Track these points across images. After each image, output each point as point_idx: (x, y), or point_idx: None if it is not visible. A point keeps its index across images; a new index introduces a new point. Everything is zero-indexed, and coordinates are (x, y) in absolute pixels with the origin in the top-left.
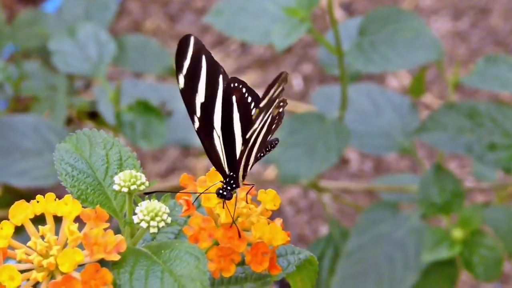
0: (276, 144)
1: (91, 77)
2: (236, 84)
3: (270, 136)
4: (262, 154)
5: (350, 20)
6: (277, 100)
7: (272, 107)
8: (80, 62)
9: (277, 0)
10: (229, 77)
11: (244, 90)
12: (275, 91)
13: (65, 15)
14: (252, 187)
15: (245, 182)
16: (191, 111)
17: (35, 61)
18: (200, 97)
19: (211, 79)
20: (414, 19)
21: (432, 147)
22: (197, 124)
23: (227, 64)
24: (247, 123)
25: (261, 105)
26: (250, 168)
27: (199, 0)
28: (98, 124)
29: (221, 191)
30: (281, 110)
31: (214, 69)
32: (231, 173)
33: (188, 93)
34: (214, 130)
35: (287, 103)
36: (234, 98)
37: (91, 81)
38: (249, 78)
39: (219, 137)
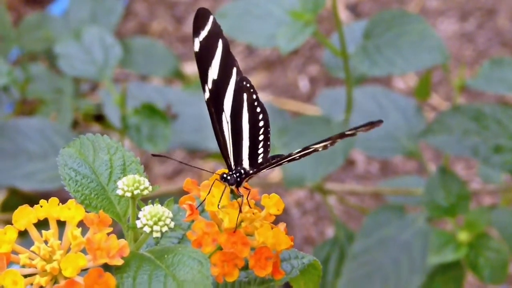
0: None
1: (97, 80)
2: (249, 85)
3: None
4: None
5: (356, 23)
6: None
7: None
8: (86, 65)
9: (282, 3)
10: (243, 75)
11: (254, 96)
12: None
13: (71, 18)
14: (249, 192)
15: (249, 186)
16: (203, 79)
17: (41, 64)
18: (213, 73)
19: (226, 64)
20: (419, 21)
21: (438, 149)
22: (207, 94)
23: None
24: (254, 130)
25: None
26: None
27: (206, 2)
28: (104, 127)
29: (225, 175)
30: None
31: (229, 58)
32: (235, 171)
33: (202, 61)
34: (224, 113)
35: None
36: (245, 96)
37: (97, 84)
38: (256, 79)
39: (227, 122)
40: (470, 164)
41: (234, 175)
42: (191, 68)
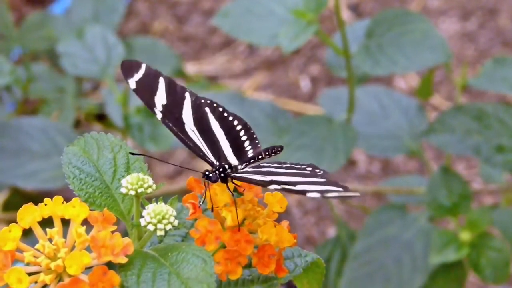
0: (280, 150)
1: (99, 79)
2: (209, 101)
3: None
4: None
5: (358, 22)
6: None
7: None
8: (88, 64)
9: (284, 2)
10: (198, 96)
11: (221, 109)
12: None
13: (73, 17)
14: (244, 189)
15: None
16: (149, 105)
17: (43, 64)
18: (160, 100)
19: (174, 92)
20: (422, 21)
21: (439, 148)
22: (159, 115)
23: (235, 66)
24: (232, 133)
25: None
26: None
27: (207, 2)
28: (106, 126)
29: (207, 173)
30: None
31: (177, 87)
32: (219, 166)
33: (143, 93)
34: (185, 125)
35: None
36: (208, 109)
37: (99, 83)
38: (257, 79)
39: (193, 130)
40: (471, 164)
41: (217, 172)
42: (192, 68)
